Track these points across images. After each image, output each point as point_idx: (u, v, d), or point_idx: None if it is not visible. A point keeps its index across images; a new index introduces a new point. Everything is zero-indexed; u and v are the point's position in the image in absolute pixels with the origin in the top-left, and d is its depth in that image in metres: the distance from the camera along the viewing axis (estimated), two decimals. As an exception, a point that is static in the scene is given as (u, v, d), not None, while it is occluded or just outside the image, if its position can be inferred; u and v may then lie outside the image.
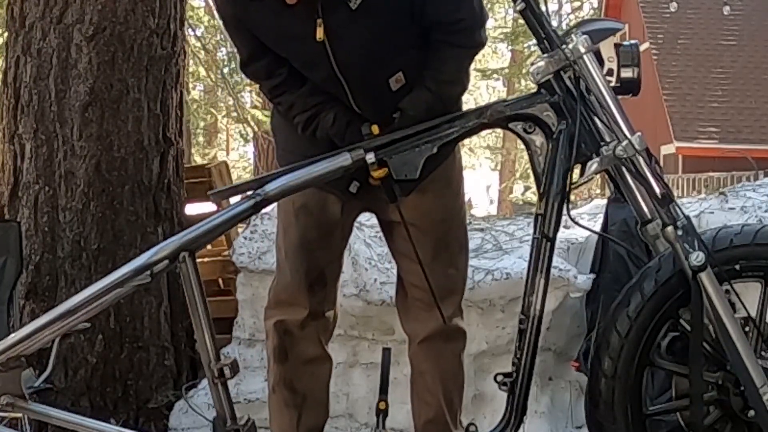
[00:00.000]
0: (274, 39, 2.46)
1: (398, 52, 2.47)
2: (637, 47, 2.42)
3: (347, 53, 2.41)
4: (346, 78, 2.46)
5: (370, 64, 2.45)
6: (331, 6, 2.34)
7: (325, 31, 2.36)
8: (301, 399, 2.67)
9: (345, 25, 2.37)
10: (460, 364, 2.82)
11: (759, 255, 2.32)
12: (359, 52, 2.42)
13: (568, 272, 4.00)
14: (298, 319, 2.68)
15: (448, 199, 2.71)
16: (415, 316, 2.76)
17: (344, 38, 2.39)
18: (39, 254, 3.95)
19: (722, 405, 2.33)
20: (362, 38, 2.40)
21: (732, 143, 16.39)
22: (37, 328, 2.44)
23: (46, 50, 3.99)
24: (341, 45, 2.39)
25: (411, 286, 2.74)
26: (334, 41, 2.39)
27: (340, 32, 2.38)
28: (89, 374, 3.94)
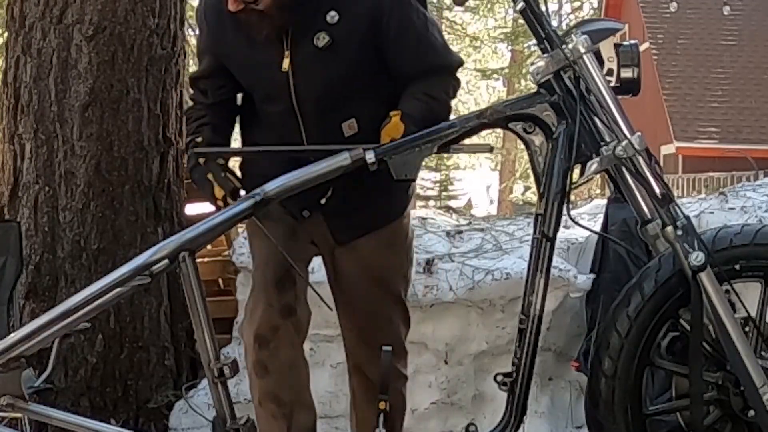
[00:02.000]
0: (244, 67, 2.58)
1: (355, 98, 2.55)
2: (637, 47, 2.42)
3: (307, 88, 2.51)
4: (302, 113, 2.55)
5: (327, 103, 2.53)
6: (299, 42, 2.47)
7: (291, 64, 2.49)
8: (288, 409, 2.67)
9: (309, 61, 2.48)
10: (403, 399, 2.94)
11: (759, 255, 2.32)
12: (318, 89, 2.52)
13: (568, 272, 4.00)
14: (271, 323, 2.63)
15: (387, 259, 2.77)
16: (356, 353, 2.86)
17: (307, 73, 2.50)
18: (39, 254, 3.96)
19: (722, 405, 2.33)
20: (323, 76, 2.50)
21: (732, 143, 16.38)
22: (37, 328, 2.44)
23: (46, 50, 3.99)
24: (303, 79, 2.50)
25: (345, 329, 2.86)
26: (298, 74, 2.50)
27: (304, 67, 2.49)
28: (89, 374, 3.94)
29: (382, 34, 2.52)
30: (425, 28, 2.57)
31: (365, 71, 2.54)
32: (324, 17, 2.47)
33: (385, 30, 2.51)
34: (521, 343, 2.37)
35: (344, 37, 2.48)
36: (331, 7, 2.47)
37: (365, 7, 2.49)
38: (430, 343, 4.07)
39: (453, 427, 4.08)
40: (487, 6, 21.96)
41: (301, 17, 2.47)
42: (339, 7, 2.47)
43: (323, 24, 2.47)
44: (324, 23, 2.47)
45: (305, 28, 2.48)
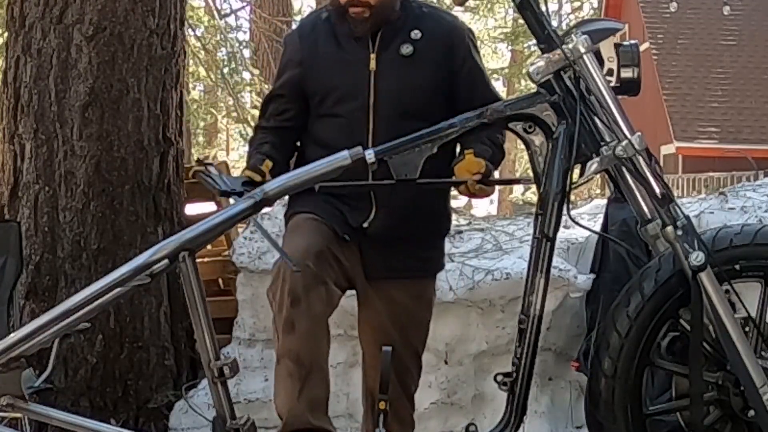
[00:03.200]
0: (331, 67, 2.77)
1: (425, 115, 2.66)
2: (637, 47, 2.42)
3: (386, 89, 2.71)
4: (376, 113, 2.71)
5: (400, 108, 2.71)
6: (386, 48, 2.74)
7: (377, 65, 2.73)
8: (305, 371, 2.67)
9: (393, 65, 2.73)
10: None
11: (759, 255, 2.32)
12: (396, 92, 2.72)
13: (568, 272, 4.00)
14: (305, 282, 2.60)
15: (413, 311, 2.88)
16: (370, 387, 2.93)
17: (389, 76, 2.72)
18: (39, 254, 3.95)
19: (722, 405, 2.33)
20: (403, 82, 2.72)
21: (732, 143, 16.39)
22: (37, 328, 2.45)
23: (46, 50, 3.99)
24: (384, 80, 2.72)
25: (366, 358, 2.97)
26: (380, 75, 2.73)
27: (387, 70, 2.73)
28: (89, 374, 3.94)
29: (454, 65, 2.78)
30: (485, 72, 2.92)
31: (435, 93, 2.75)
32: (409, 33, 2.75)
33: (459, 63, 2.78)
34: (521, 343, 2.37)
35: (424, 52, 2.74)
36: (415, 26, 2.76)
37: (443, 36, 2.78)
38: (430, 343, 4.04)
39: (453, 427, 4.08)
40: (487, 6, 21.94)
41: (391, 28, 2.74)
42: (422, 28, 2.76)
43: (408, 38, 2.75)
44: (408, 37, 2.75)
45: (392, 38, 2.74)
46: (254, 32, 13.39)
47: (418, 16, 2.79)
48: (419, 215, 2.74)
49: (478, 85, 2.82)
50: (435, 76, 2.75)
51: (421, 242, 2.85)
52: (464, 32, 2.84)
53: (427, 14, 2.81)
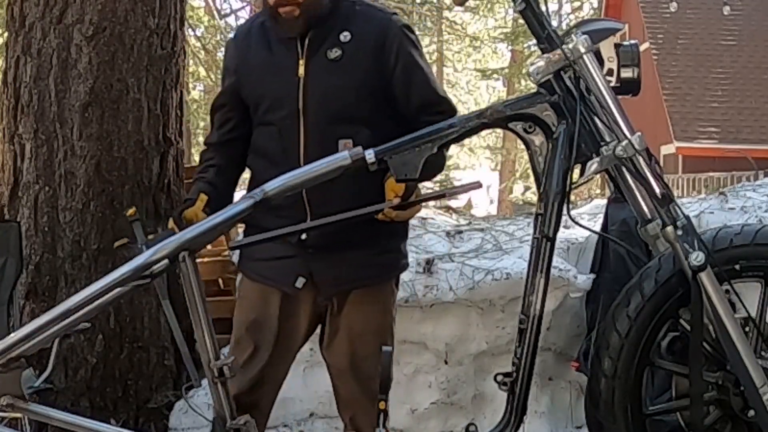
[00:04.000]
0: (261, 72, 2.73)
1: (355, 119, 2.66)
2: (637, 47, 2.42)
3: (315, 95, 2.66)
4: (305, 119, 2.66)
5: (329, 114, 2.65)
6: (314, 53, 2.67)
7: (305, 70, 2.67)
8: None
9: (321, 70, 2.66)
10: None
11: (759, 255, 2.32)
12: (325, 98, 2.65)
13: (568, 272, 4.00)
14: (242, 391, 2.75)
15: (373, 315, 2.78)
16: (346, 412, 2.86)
17: (317, 81, 2.66)
18: (39, 254, 3.96)
19: (722, 405, 2.33)
20: (331, 87, 2.65)
21: (732, 143, 16.38)
22: (37, 328, 2.44)
23: (46, 50, 3.99)
24: (313, 86, 2.66)
25: (336, 387, 2.87)
26: (309, 81, 2.66)
27: (315, 75, 2.66)
28: (89, 374, 3.94)
29: (387, 65, 2.68)
30: (425, 66, 2.76)
31: (367, 95, 2.67)
32: (338, 35, 2.67)
33: (392, 62, 2.68)
34: (521, 343, 2.37)
35: (353, 55, 2.66)
36: (345, 27, 2.68)
37: (375, 36, 2.69)
38: (430, 343, 4.07)
39: (453, 427, 4.08)
40: (487, 6, 21.94)
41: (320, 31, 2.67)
42: (352, 29, 2.68)
43: (336, 41, 2.67)
44: (337, 40, 2.67)
45: (321, 41, 2.67)
46: (254, 32, 13.37)
47: (350, 15, 2.70)
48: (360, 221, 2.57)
49: (415, 83, 2.71)
50: (365, 79, 2.67)
51: (371, 247, 2.73)
52: (397, 29, 2.71)
53: (360, 13, 2.72)
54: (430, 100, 2.72)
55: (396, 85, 2.69)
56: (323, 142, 2.61)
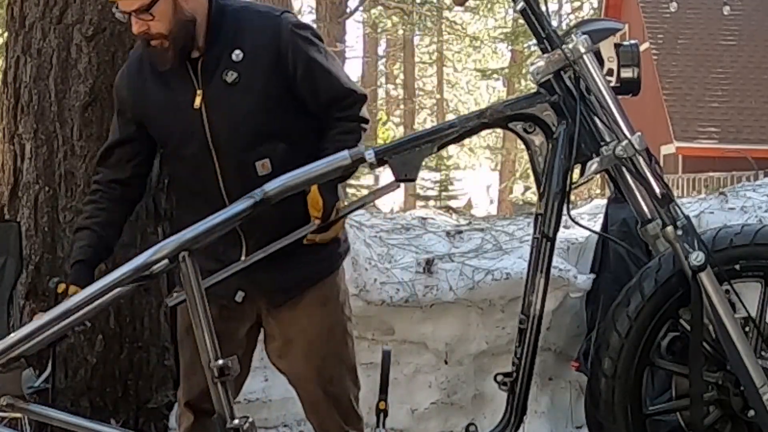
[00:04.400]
0: (161, 112, 2.62)
1: (266, 137, 2.59)
2: (637, 47, 2.42)
3: (220, 124, 2.55)
4: (217, 151, 2.58)
5: (240, 141, 2.57)
6: (210, 79, 2.55)
7: (203, 101, 2.55)
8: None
9: (220, 97, 2.55)
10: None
11: (759, 255, 2.32)
12: (230, 125, 2.56)
13: (568, 272, 4.00)
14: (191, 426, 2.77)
15: (323, 317, 2.74)
16: (313, 417, 2.83)
17: (218, 110, 2.55)
18: (39, 254, 3.95)
19: (722, 405, 2.33)
20: (234, 112, 2.55)
21: (732, 143, 16.39)
22: (37, 328, 2.44)
23: (46, 50, 3.99)
24: (216, 116, 2.55)
25: (299, 394, 2.82)
26: (210, 111, 2.56)
27: (215, 103, 2.56)
28: (89, 374, 3.94)
29: (287, 72, 2.58)
30: (326, 60, 2.64)
31: (274, 109, 2.58)
32: (230, 56, 2.55)
33: (291, 68, 2.58)
34: (521, 343, 2.37)
35: (250, 73, 2.55)
36: (236, 46, 2.56)
37: (267, 46, 2.57)
38: (430, 343, 4.07)
39: (453, 427, 4.08)
40: (487, 6, 21.96)
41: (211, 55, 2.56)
42: (244, 47, 2.56)
43: (230, 62, 2.55)
44: (230, 61, 2.55)
45: (214, 66, 2.56)
46: (254, 32, 13.39)
47: (237, 30, 2.57)
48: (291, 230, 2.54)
49: (319, 82, 2.61)
50: (269, 95, 2.57)
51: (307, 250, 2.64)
52: (288, 32, 2.58)
53: (246, 25, 2.58)
54: (337, 96, 2.63)
55: (301, 88, 2.60)
56: (240, 169, 2.56)
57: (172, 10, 2.49)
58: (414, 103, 27.51)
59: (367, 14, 21.23)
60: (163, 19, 2.48)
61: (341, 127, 2.63)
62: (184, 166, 2.66)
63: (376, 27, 24.14)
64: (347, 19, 17.70)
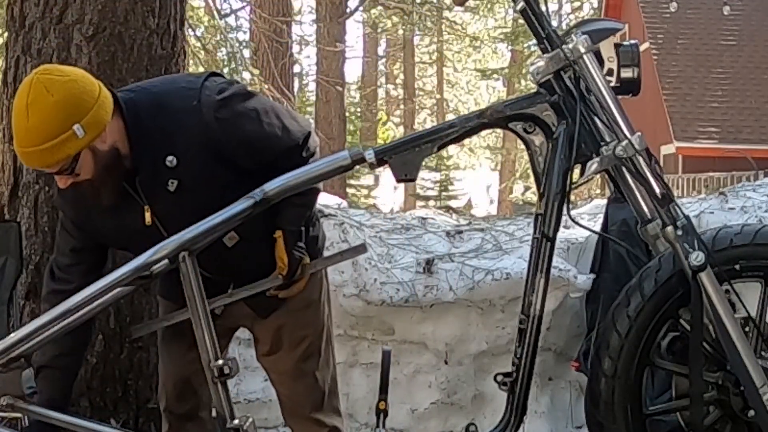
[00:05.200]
0: (113, 235, 2.56)
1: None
2: (637, 47, 2.42)
3: (177, 228, 2.44)
4: None
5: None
6: (153, 193, 2.47)
7: (153, 214, 2.48)
8: None
9: (169, 206, 2.48)
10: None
11: (759, 255, 2.32)
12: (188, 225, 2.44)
13: (568, 272, 4.00)
14: (173, 425, 2.79)
15: (308, 318, 2.74)
16: (293, 419, 2.82)
17: (171, 218, 2.48)
18: (39, 254, 3.95)
19: (722, 405, 2.33)
20: (187, 214, 2.44)
21: (732, 143, 16.38)
22: (37, 328, 2.44)
23: (46, 50, 3.98)
24: (170, 223, 2.47)
25: (280, 394, 2.82)
26: (164, 222, 2.49)
27: (166, 213, 2.48)
28: (89, 374, 3.93)
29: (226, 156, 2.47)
30: (261, 125, 2.51)
31: (226, 191, 2.46)
32: (164, 163, 2.44)
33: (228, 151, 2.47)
34: (521, 343, 2.37)
35: (190, 175, 2.46)
36: (167, 152, 2.44)
37: (197, 143, 2.45)
38: (430, 343, 4.07)
39: (453, 427, 4.08)
40: (487, 6, 21.94)
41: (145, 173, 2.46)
42: (175, 151, 2.45)
43: (166, 170, 2.45)
44: (166, 169, 2.45)
45: (152, 179, 2.46)
46: (254, 32, 13.40)
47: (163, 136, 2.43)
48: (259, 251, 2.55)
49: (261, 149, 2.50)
50: (217, 186, 2.46)
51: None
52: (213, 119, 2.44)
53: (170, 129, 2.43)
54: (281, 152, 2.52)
55: (244, 161, 2.50)
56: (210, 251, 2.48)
57: (92, 158, 2.38)
58: (414, 103, 27.52)
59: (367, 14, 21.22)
60: (86, 168, 2.39)
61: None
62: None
63: (376, 27, 24.13)
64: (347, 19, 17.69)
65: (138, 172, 2.45)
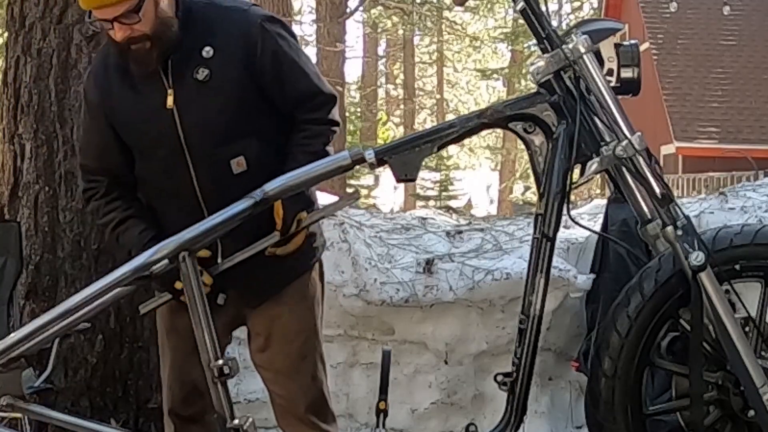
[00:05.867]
0: (131, 113, 2.57)
1: (242, 134, 2.55)
2: (637, 47, 2.42)
3: (192, 123, 2.52)
4: (190, 150, 2.54)
5: (213, 138, 2.54)
6: (181, 78, 2.52)
7: (175, 101, 2.52)
8: None
9: (192, 95, 2.52)
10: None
11: (759, 255, 2.32)
12: (203, 123, 2.52)
13: (568, 272, 4.00)
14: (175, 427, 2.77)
15: (303, 312, 2.72)
16: (286, 421, 2.79)
17: (190, 108, 2.52)
18: (39, 254, 3.95)
19: (722, 405, 2.33)
20: (208, 110, 2.51)
21: (732, 143, 16.38)
22: (37, 328, 2.45)
23: (46, 50, 3.99)
24: (188, 114, 2.52)
25: (274, 395, 2.78)
26: (182, 110, 2.52)
27: (187, 102, 2.52)
28: (89, 374, 3.93)
29: (256, 68, 2.55)
30: (296, 56, 2.61)
31: (247, 106, 2.55)
32: (200, 53, 2.52)
33: (259, 62, 2.55)
34: (521, 343, 2.37)
35: (221, 70, 2.52)
36: (206, 42, 2.52)
37: (237, 41, 2.54)
38: (430, 343, 4.07)
39: (453, 427, 4.08)
40: (487, 6, 21.96)
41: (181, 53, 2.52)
42: (213, 43, 2.52)
43: (200, 59, 2.52)
44: (201, 58, 2.52)
45: (185, 64, 2.52)
46: (254, 32, 13.38)
47: (206, 27, 2.53)
48: (265, 233, 2.52)
49: (287, 75, 2.57)
50: (241, 91, 2.54)
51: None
52: (257, 26, 2.55)
53: (215, 20, 2.55)
54: (304, 93, 2.59)
55: (269, 83, 2.56)
56: (214, 168, 2.53)
57: (153, 9, 2.45)
58: (414, 103, 27.51)
59: (367, 14, 21.23)
60: (147, 17, 2.44)
61: (308, 130, 2.60)
62: (156, 168, 2.60)
63: (376, 27, 24.14)
64: (347, 19, 17.69)
65: (175, 52, 2.51)
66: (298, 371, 2.72)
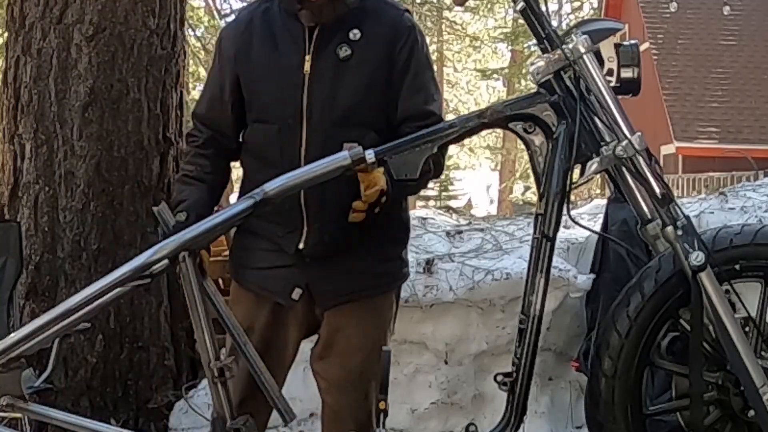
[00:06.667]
0: (264, 68, 2.59)
1: (362, 122, 2.55)
2: (637, 47, 2.42)
3: (320, 93, 2.53)
4: (308, 121, 2.54)
5: (334, 114, 2.54)
6: (322, 50, 2.55)
7: (311, 68, 2.54)
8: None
9: (328, 68, 2.54)
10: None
11: (759, 255, 2.32)
12: (332, 99, 2.53)
13: (568, 272, 4.00)
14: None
15: (372, 329, 2.66)
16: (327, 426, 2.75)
17: (323, 79, 2.54)
18: (39, 254, 3.96)
19: (722, 405, 2.33)
20: (340, 87, 2.54)
21: (732, 143, 16.38)
22: (37, 328, 2.44)
23: (46, 50, 3.99)
24: (318, 84, 2.54)
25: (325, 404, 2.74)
26: (315, 79, 2.54)
27: (322, 73, 2.54)
28: (89, 374, 3.94)
29: (394, 65, 2.57)
30: (427, 71, 2.65)
31: (374, 97, 2.56)
32: (348, 33, 2.56)
33: (398, 62, 2.58)
34: (521, 343, 2.37)
35: (363, 54, 2.55)
36: (355, 25, 2.56)
37: (385, 33, 2.58)
38: (430, 343, 4.07)
39: (453, 427, 4.08)
40: (487, 6, 21.96)
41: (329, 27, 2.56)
42: (362, 27, 2.56)
43: (346, 38, 2.56)
44: (347, 38, 2.56)
45: (330, 38, 2.56)
46: (254, 32, 13.38)
47: (360, 12, 2.57)
48: (360, 226, 2.47)
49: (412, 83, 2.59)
50: (373, 81, 2.55)
51: (372, 255, 2.61)
52: (409, 29, 2.60)
53: (370, 10, 2.59)
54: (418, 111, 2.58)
55: (401, 89, 2.58)
56: (327, 145, 2.47)
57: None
58: (414, 103, 27.44)
59: (367, 14, 21.21)
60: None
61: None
62: (267, 133, 2.59)
63: (376, 27, 24.10)
64: (347, 19, 17.70)
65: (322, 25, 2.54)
66: (354, 387, 2.66)
